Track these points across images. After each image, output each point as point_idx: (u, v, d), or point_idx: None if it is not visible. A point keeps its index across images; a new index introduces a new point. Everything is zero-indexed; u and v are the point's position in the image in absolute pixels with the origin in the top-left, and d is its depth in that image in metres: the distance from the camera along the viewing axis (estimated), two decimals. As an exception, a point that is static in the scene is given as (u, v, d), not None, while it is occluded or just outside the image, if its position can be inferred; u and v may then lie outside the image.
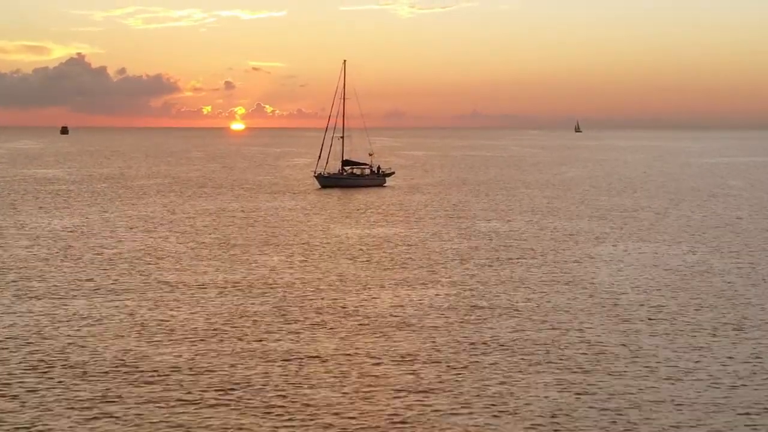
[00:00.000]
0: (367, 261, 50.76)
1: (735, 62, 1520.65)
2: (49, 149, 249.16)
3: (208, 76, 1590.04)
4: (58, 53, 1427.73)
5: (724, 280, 45.44)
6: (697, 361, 30.43)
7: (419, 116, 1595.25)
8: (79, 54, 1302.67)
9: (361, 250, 55.05)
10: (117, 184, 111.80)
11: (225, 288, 42.46)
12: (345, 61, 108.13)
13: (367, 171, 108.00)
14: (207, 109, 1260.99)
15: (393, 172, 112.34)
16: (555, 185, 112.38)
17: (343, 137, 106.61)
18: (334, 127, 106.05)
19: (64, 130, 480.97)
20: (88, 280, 44.22)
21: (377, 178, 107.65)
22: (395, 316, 36.82)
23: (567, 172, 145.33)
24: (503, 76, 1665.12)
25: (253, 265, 49.20)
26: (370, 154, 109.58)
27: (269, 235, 61.79)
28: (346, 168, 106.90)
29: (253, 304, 38.99)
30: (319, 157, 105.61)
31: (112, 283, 43.42)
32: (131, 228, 65.29)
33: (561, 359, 30.51)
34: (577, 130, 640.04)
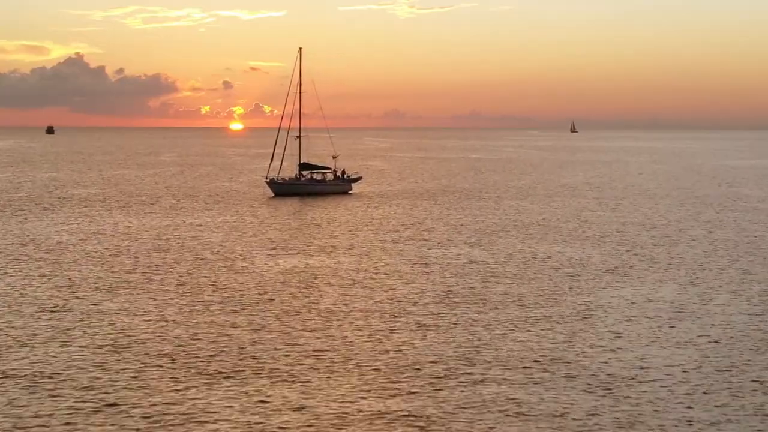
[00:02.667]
0: (280, 313, 35.58)
1: (732, 63, 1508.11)
2: (16, 150, 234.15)
3: (206, 76, 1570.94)
4: (56, 53, 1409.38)
5: (796, 356, 30.36)
6: None
7: (418, 116, 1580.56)
8: (77, 54, 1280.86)
9: (278, 293, 39.89)
10: (42, 193, 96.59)
11: (49, 351, 27.23)
12: (301, 48, 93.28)
13: (330, 176, 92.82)
14: (206, 109, 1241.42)
15: (360, 177, 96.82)
16: (549, 194, 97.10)
17: (300, 136, 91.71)
18: (289, 126, 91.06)
19: (50, 130, 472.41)
20: None
21: (341, 185, 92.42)
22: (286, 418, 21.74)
23: (563, 177, 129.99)
24: (502, 77, 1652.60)
25: (113, 319, 33.99)
26: (334, 157, 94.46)
27: (167, 268, 46.58)
28: (304, 173, 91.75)
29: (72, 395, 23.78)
30: (272, 159, 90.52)
31: None
32: (-5, 256, 50.12)
33: None
34: (573, 130, 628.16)
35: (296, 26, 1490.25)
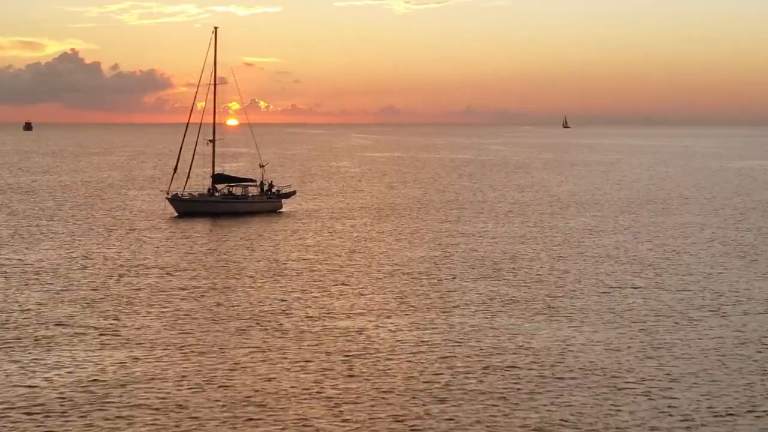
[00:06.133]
0: None
1: (727, 60, 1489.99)
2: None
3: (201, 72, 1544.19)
4: (51, 49, 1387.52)
5: None
6: None
7: (413, 112, 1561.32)
8: (72, 50, 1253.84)
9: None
10: None
11: None
12: (216, 28, 73.33)
13: (254, 190, 72.60)
14: (201, 105, 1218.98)
15: (293, 192, 76.05)
16: (535, 212, 76.70)
17: (213, 140, 71.88)
18: (199, 127, 71.41)
19: (28, 126, 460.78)
20: None
21: (268, 201, 72.05)
22: None
23: (555, 184, 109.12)
24: (497, 72, 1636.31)
25: None
26: (261, 166, 74.46)
27: None
28: (219, 186, 71.66)
29: None
30: (175, 169, 70.55)
31: None
32: None
33: None
34: (565, 125, 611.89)
35: (292, 22, 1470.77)
